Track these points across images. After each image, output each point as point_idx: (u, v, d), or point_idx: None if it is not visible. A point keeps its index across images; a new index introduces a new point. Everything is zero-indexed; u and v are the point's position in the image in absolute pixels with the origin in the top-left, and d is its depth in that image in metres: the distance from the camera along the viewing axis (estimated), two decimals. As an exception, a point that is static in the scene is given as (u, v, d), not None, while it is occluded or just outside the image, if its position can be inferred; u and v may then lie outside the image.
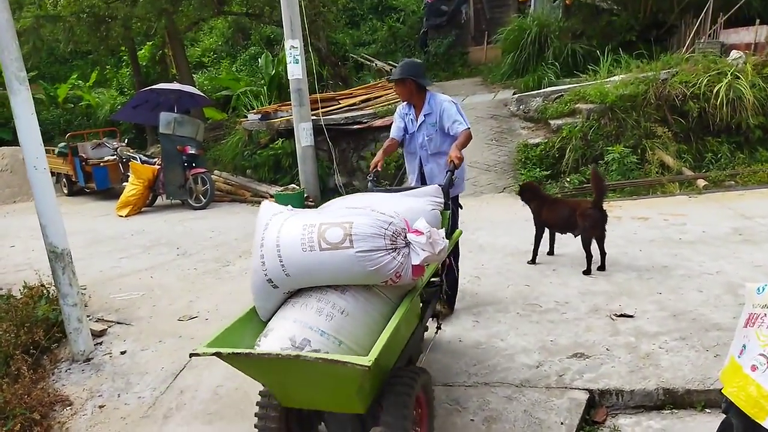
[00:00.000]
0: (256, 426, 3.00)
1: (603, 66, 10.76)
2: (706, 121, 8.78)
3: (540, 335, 4.22)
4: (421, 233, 2.86)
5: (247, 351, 2.60)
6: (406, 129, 4.61)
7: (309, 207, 9.32)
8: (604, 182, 5.69)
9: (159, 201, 11.17)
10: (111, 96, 18.82)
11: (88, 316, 5.45)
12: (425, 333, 3.86)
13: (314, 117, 10.00)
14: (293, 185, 9.68)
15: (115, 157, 12.13)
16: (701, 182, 7.91)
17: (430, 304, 3.69)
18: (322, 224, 2.79)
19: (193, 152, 10.45)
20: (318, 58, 14.66)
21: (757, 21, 10.00)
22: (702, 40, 10.55)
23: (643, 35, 12.64)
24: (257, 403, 3.02)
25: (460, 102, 9.80)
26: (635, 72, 9.80)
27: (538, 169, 8.63)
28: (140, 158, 11.23)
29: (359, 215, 2.87)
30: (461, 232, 4.14)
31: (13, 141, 16.03)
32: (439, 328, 4.13)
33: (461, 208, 4.75)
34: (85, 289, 6.11)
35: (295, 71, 9.56)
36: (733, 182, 7.97)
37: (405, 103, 4.60)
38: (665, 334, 4.06)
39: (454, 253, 4.55)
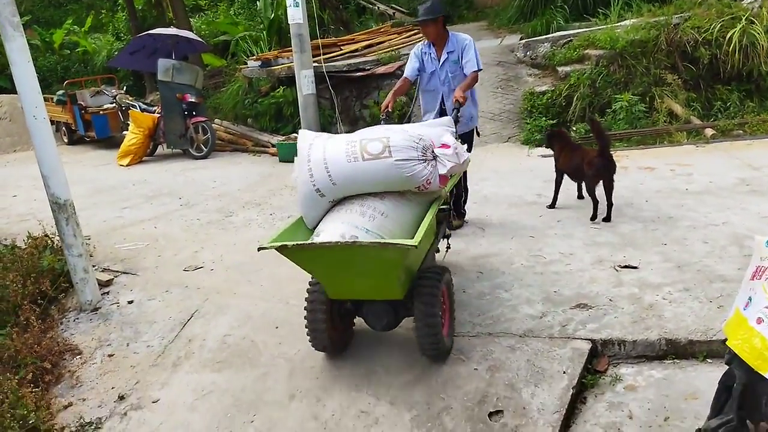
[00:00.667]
0: (306, 317, 3.45)
1: (614, 9, 10.45)
2: (716, 68, 8.59)
3: (544, 286, 4.25)
4: (448, 146, 3.45)
5: (310, 242, 3.10)
6: (420, 68, 4.94)
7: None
8: (604, 130, 5.67)
9: (160, 150, 11.10)
10: (107, 41, 18.45)
11: (93, 266, 5.48)
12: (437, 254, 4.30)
13: (315, 64, 9.82)
14: (295, 134, 9.57)
15: (114, 105, 11.99)
16: (709, 131, 7.80)
17: (442, 224, 4.09)
18: (363, 140, 3.31)
19: (192, 100, 10.31)
20: (318, 2, 14.27)
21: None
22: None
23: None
24: (306, 298, 3.47)
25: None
26: (647, 16, 9.52)
27: (544, 118, 8.51)
28: (140, 106, 11.08)
29: (394, 132, 3.40)
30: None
31: (11, 89, 15.82)
32: (448, 247, 4.46)
33: (479, 135, 5.47)
34: (89, 239, 6.13)
35: (296, 15, 9.30)
36: (741, 131, 7.86)
37: (424, 42, 4.91)
38: (669, 285, 4.09)
39: (464, 175, 5.21)
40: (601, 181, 5.39)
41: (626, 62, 8.77)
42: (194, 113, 10.34)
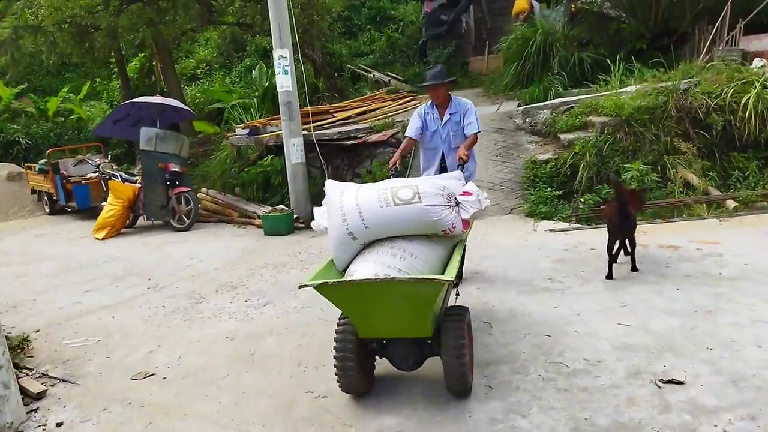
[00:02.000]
0: (335, 357, 3.46)
1: (615, 75, 9.91)
2: (731, 135, 7.93)
3: (571, 410, 3.31)
4: (471, 193, 3.72)
5: (350, 279, 3.25)
6: (423, 127, 5.19)
7: (299, 229, 8.46)
8: (623, 186, 5.54)
9: (141, 221, 10.29)
10: (101, 109, 17.99)
11: (31, 370, 4.60)
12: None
13: (306, 132, 9.16)
14: (281, 206, 8.79)
15: (97, 174, 11.27)
16: (731, 203, 7.02)
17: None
18: (393, 187, 3.58)
19: (176, 170, 9.59)
20: (313, 69, 13.85)
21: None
22: (720, 48, 9.70)
23: (654, 43, 11.80)
24: (335, 338, 3.49)
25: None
26: (651, 82, 8.95)
27: (549, 189, 7.74)
28: (121, 176, 10.35)
29: (421, 181, 3.76)
30: None
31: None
32: (457, 295, 4.50)
33: None
34: (37, 332, 5.31)
35: (285, 83, 8.71)
36: (766, 203, 7.08)
37: (429, 103, 5.20)
38: (728, 410, 3.17)
39: None
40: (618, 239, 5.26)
41: (633, 129, 8.10)
42: (177, 183, 9.60)
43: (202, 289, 6.26)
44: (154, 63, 14.14)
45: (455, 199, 3.67)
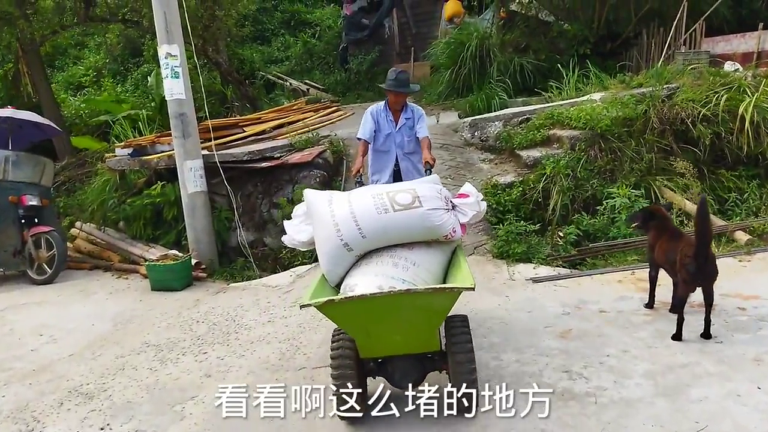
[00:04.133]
0: (332, 376, 3.05)
1: (570, 82, 8.41)
2: (718, 149, 6.56)
3: None
4: (467, 195, 3.60)
5: (360, 293, 2.91)
6: (376, 129, 4.78)
7: (200, 280, 6.23)
8: (709, 220, 3.85)
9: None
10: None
11: None
12: None
13: (206, 152, 6.93)
14: (174, 252, 6.48)
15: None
16: (741, 236, 5.56)
17: None
18: (389, 192, 3.35)
19: (33, 203, 7.03)
20: (219, 75, 11.54)
21: (760, 26, 7.98)
22: (683, 51, 8.45)
23: (597, 48, 10.54)
24: (332, 356, 3.08)
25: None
26: (617, 88, 7.50)
27: (522, 223, 5.95)
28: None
29: (416, 183, 3.63)
30: None
31: None
32: None
33: None
34: None
35: (175, 89, 6.48)
36: (780, 233, 5.69)
37: (383, 105, 4.82)
38: None
39: None
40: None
41: (609, 145, 6.54)
42: (36, 221, 7.06)
43: (38, 402, 3.92)
44: (20, 68, 11.23)
45: (451, 201, 3.49)
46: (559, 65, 9.09)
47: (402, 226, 3.20)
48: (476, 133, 7.92)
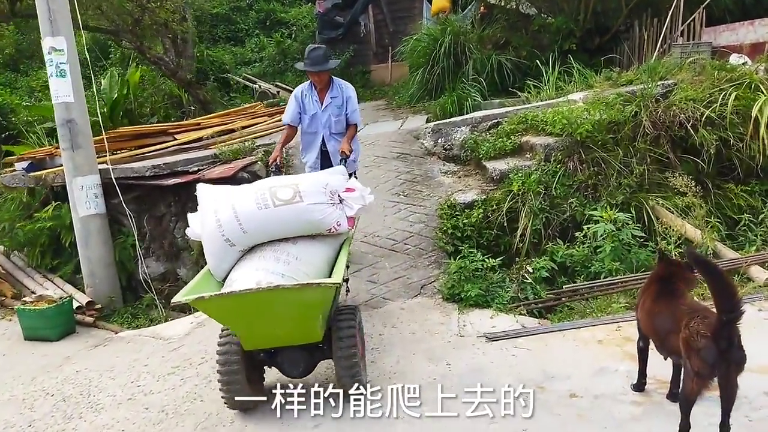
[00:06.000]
0: (219, 372, 3.06)
1: (550, 79, 7.11)
2: (724, 159, 5.26)
3: None
4: (353, 190, 3.50)
5: (230, 290, 2.93)
6: (302, 111, 4.58)
7: (85, 326, 4.94)
8: (726, 278, 2.40)
9: None
10: None
11: None
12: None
13: (105, 166, 5.64)
14: (48, 296, 5.10)
15: None
16: (759, 272, 4.24)
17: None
18: (272, 187, 3.25)
19: None
20: (165, 75, 10.26)
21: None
22: (680, 43, 7.14)
23: (584, 43, 9.23)
24: (218, 351, 3.08)
25: (359, 133, 6.27)
26: (602, 86, 6.19)
27: (479, 254, 4.62)
28: None
29: (301, 179, 3.55)
30: None
31: None
32: (348, 290, 4.26)
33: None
34: None
35: (61, 90, 5.24)
36: (805, 267, 4.36)
37: (308, 84, 4.57)
38: None
39: None
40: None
41: (592, 155, 5.22)
42: None
43: None
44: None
45: (339, 196, 3.38)
46: (538, 61, 7.77)
47: (282, 221, 3.16)
48: (439, 141, 6.62)
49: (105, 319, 5.30)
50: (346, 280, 4.13)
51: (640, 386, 3.00)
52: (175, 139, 7.27)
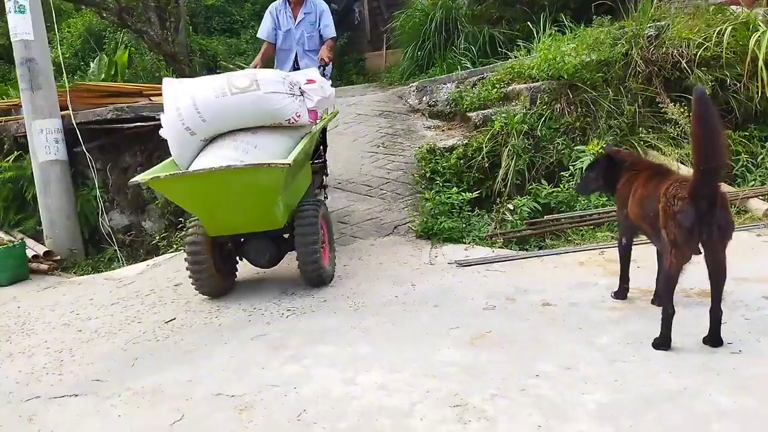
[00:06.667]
0: (187, 260, 3.18)
1: (542, 39, 6.80)
2: (723, 101, 4.93)
3: None
4: (314, 81, 3.48)
5: (183, 171, 3.02)
6: (276, 27, 4.57)
7: (40, 273, 4.63)
8: (716, 123, 2.04)
9: None
10: None
11: None
12: None
13: (67, 113, 5.36)
14: (10, 237, 4.86)
15: None
16: (757, 205, 3.91)
17: (318, 174, 4.20)
18: (231, 76, 3.29)
19: None
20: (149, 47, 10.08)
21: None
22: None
23: (578, 15, 8.95)
24: (185, 241, 3.22)
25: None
26: (594, 32, 5.90)
27: (455, 189, 4.33)
28: None
29: (261, 70, 3.59)
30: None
31: None
32: (326, 197, 4.27)
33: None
34: None
35: (20, 26, 4.98)
36: (805, 201, 4.02)
37: (279, 1, 4.59)
38: None
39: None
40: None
41: (580, 96, 4.92)
42: None
43: None
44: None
45: (300, 88, 3.33)
46: (529, 23, 7.49)
47: (239, 109, 3.12)
48: (424, 98, 6.33)
49: (64, 271, 5.00)
50: (324, 187, 4.33)
51: (622, 292, 2.66)
52: (151, 101, 6.98)
